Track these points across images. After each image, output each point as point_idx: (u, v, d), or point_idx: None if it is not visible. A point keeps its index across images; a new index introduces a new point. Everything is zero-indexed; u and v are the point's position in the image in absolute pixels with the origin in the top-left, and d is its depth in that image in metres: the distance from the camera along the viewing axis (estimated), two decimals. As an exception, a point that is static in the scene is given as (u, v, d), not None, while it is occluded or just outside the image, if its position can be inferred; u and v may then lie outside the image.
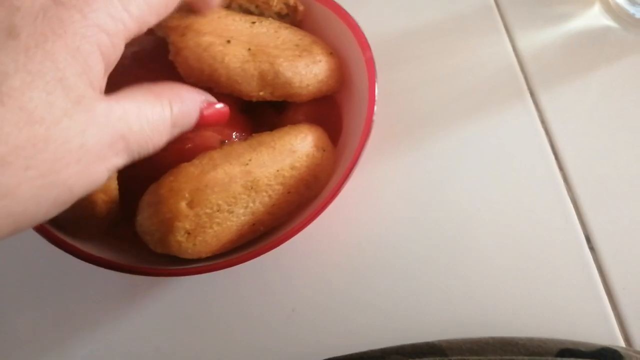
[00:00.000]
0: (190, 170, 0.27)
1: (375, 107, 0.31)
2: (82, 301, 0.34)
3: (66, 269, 0.34)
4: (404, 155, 0.38)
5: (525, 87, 0.40)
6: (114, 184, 0.27)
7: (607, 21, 0.42)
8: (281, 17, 0.33)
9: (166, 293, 0.34)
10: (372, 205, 0.37)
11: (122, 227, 0.30)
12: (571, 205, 0.37)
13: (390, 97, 0.39)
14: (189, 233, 0.27)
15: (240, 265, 0.34)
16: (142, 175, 0.28)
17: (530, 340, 0.31)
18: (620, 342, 0.33)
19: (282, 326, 0.34)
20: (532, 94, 0.40)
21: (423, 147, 0.38)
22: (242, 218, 0.29)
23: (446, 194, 0.37)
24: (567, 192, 0.37)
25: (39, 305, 0.34)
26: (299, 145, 0.30)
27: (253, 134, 0.30)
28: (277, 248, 0.34)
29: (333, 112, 0.34)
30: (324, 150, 0.31)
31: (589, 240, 0.36)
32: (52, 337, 0.34)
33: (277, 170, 0.29)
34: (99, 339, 0.33)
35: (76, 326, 0.33)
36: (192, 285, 0.35)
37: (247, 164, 0.28)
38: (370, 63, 0.31)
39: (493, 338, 0.31)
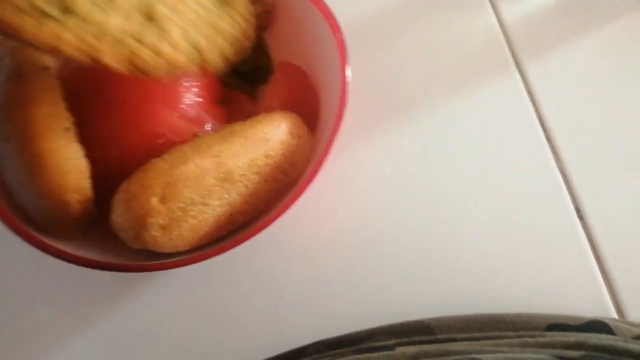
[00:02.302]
0: (160, 165, 0.27)
1: (351, 89, 0.31)
2: (72, 301, 0.34)
3: (56, 270, 0.35)
4: (389, 135, 0.38)
5: (510, 58, 0.39)
6: (87, 183, 0.28)
7: (592, -15, 0.40)
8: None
9: (156, 287, 0.35)
10: (358, 186, 0.37)
11: (104, 225, 0.30)
12: (560, 176, 0.36)
13: (371, 78, 0.39)
14: (163, 228, 0.27)
15: (229, 254, 0.35)
16: (115, 173, 0.28)
17: (519, 316, 0.31)
18: (612, 311, 0.33)
19: (271, 312, 0.34)
20: (518, 65, 0.39)
21: (408, 126, 0.38)
22: (219, 210, 0.29)
23: (433, 170, 0.37)
24: (556, 163, 0.36)
25: (32, 307, 0.35)
26: (272, 134, 0.29)
27: (225, 125, 0.29)
28: (265, 235, 0.34)
29: (310, 97, 0.34)
30: (299, 137, 0.31)
31: (578, 210, 0.35)
32: (44, 338, 0.34)
33: (251, 160, 0.29)
34: (91, 337, 0.34)
35: (69, 325, 0.34)
36: (181, 278, 0.35)
37: (218, 156, 0.28)
38: (341, 45, 0.31)
39: (482, 315, 0.31)
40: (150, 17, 0.25)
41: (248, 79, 0.35)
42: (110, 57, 0.24)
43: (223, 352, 0.33)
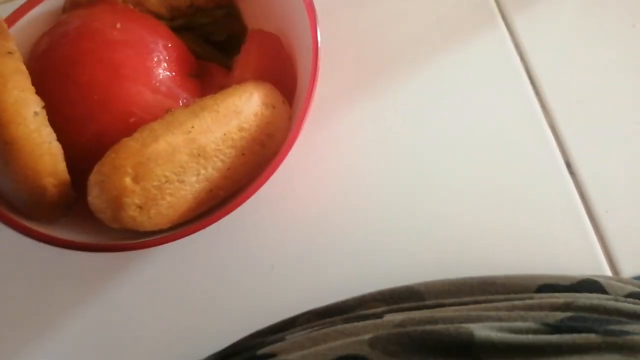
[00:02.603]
0: (131, 145, 0.27)
1: (330, 54, 0.30)
2: (58, 284, 0.35)
3: (39, 253, 0.35)
4: (372, 99, 0.37)
5: (497, 10, 0.38)
6: (62, 166, 0.28)
7: None
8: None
9: (142, 266, 0.35)
10: (344, 153, 0.36)
11: (86, 206, 0.30)
12: (550, 131, 0.35)
13: (352, 41, 0.38)
14: (140, 207, 0.27)
15: (216, 228, 0.35)
16: (91, 154, 0.28)
17: (509, 278, 0.30)
18: (605, 268, 0.32)
19: (262, 283, 0.34)
20: (504, 18, 0.38)
21: (392, 88, 0.37)
22: (197, 186, 0.29)
23: (419, 132, 0.36)
24: (545, 118, 0.35)
25: (20, 293, 0.35)
26: (244, 106, 0.29)
27: (196, 99, 0.29)
28: (250, 207, 0.34)
29: (285, 65, 0.33)
30: (273, 107, 0.30)
31: (569, 165, 0.34)
32: (33, 323, 0.34)
33: (224, 134, 0.28)
34: (78, 318, 0.34)
35: (55, 308, 0.34)
36: (169, 255, 0.35)
37: (189, 132, 0.27)
38: (310, 8, 0.30)
39: (472, 278, 0.31)
40: None
41: (223, 49, 0.35)
42: None
43: (212, 327, 0.33)
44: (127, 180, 0.26)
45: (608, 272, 0.32)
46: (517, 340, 0.24)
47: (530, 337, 0.24)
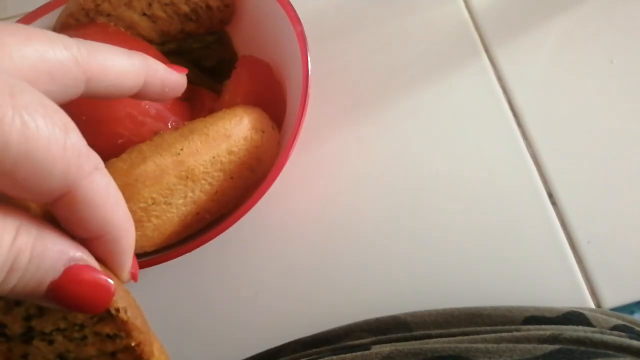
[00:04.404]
0: (119, 166, 0.26)
1: (318, 82, 0.30)
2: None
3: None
4: (358, 127, 0.37)
5: (480, 44, 0.39)
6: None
7: (561, -33, 0.40)
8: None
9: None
10: (331, 180, 0.36)
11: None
12: (532, 162, 0.36)
13: (339, 70, 0.39)
14: (125, 229, 0.27)
15: (200, 253, 0.34)
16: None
17: (495, 309, 0.30)
18: (587, 297, 0.33)
19: (246, 310, 0.34)
20: (487, 51, 0.39)
21: (377, 117, 0.38)
22: (183, 209, 0.29)
23: (404, 161, 0.36)
24: (527, 148, 0.36)
25: None
26: (234, 129, 0.29)
27: (186, 122, 0.29)
28: (235, 233, 0.33)
29: (275, 91, 0.33)
30: (263, 132, 0.30)
31: (551, 196, 0.35)
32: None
33: (213, 157, 0.28)
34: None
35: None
36: (151, 278, 0.34)
37: (178, 154, 0.27)
38: (301, 37, 0.30)
39: (458, 309, 0.31)
40: None
41: (213, 74, 0.35)
42: None
43: (193, 356, 0.33)
44: (114, 202, 0.26)
45: (590, 302, 0.33)
46: None
47: None
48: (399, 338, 0.30)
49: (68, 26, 0.32)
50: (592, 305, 0.33)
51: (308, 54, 0.30)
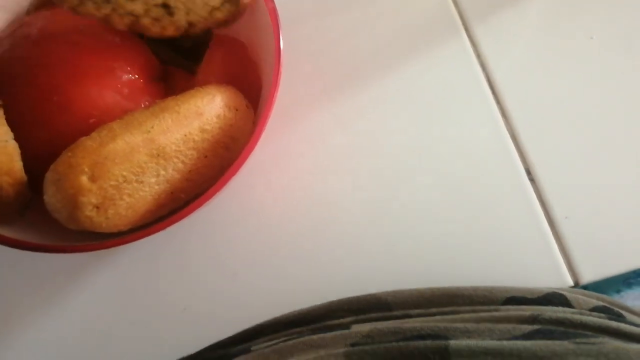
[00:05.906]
0: (88, 144, 0.26)
1: (295, 61, 0.30)
2: (22, 285, 0.34)
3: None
4: (338, 107, 0.37)
5: (459, 22, 0.39)
6: (18, 165, 0.27)
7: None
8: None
9: (108, 268, 0.35)
10: (309, 159, 0.36)
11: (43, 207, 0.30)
12: (510, 139, 0.36)
13: (317, 48, 0.38)
14: (97, 207, 0.27)
15: (179, 232, 0.34)
16: (46, 154, 0.27)
17: (476, 289, 0.30)
18: (564, 272, 0.33)
19: (226, 289, 0.34)
20: (466, 29, 0.39)
21: (356, 95, 0.37)
22: (156, 187, 0.29)
23: (382, 140, 0.36)
24: (506, 126, 0.36)
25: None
26: (206, 107, 0.29)
27: (157, 100, 0.29)
28: (216, 213, 0.34)
29: (250, 70, 0.33)
30: (236, 110, 0.30)
31: (528, 172, 0.35)
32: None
33: (185, 135, 0.28)
34: (37, 323, 0.34)
35: (19, 309, 0.34)
36: (128, 257, 0.35)
37: (149, 132, 0.27)
38: (273, 14, 0.30)
39: (439, 289, 0.31)
40: None
41: (191, 55, 0.35)
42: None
43: (172, 334, 0.33)
44: (84, 179, 0.26)
45: (568, 277, 0.33)
46: (493, 346, 0.24)
47: (505, 343, 0.24)
48: (379, 317, 0.30)
49: (42, 6, 0.32)
50: (570, 280, 0.33)
51: (280, 30, 0.30)
